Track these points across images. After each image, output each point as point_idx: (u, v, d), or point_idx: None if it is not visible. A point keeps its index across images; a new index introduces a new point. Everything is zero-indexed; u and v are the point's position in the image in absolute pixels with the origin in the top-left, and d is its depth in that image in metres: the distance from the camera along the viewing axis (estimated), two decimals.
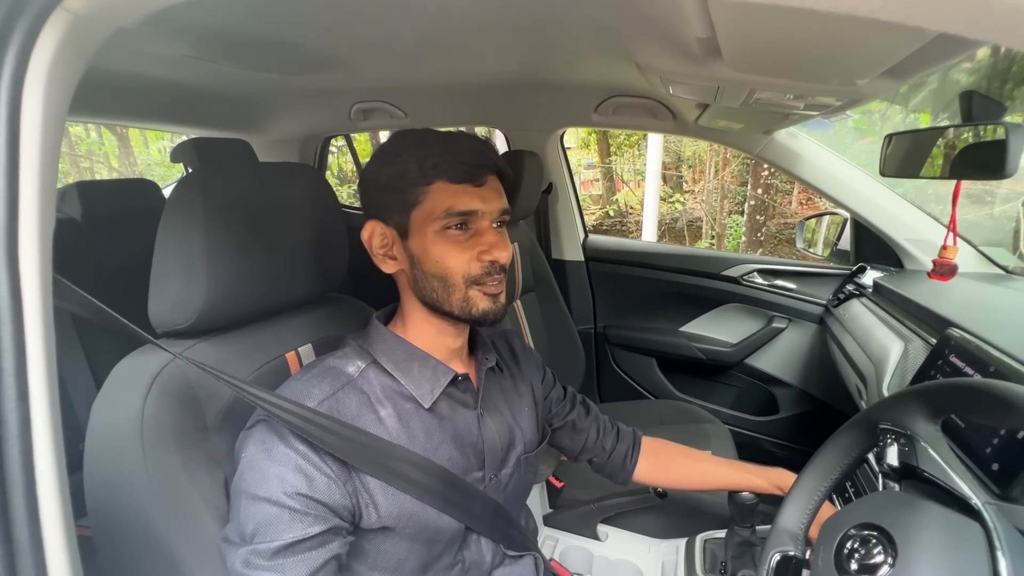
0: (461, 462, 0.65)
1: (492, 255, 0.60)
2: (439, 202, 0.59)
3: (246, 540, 0.51)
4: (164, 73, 1.29)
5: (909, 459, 0.56)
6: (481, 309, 0.62)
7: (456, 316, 0.63)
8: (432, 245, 0.60)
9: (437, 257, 0.60)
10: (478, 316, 0.62)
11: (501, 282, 0.63)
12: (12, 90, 0.35)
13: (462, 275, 0.60)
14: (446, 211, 0.59)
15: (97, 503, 0.56)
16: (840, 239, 1.56)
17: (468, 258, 0.60)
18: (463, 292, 0.61)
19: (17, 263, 0.34)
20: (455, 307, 0.62)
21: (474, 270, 0.61)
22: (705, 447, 1.37)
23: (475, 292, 0.61)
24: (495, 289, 0.62)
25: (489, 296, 0.62)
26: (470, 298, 0.61)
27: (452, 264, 0.60)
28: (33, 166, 0.36)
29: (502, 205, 0.63)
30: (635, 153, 7.70)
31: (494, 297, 0.63)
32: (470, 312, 0.62)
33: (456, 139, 0.61)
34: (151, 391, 0.56)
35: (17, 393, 0.33)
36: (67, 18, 0.36)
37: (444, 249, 0.60)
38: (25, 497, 0.33)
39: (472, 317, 0.62)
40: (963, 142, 0.89)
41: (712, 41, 0.56)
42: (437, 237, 0.60)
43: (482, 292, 0.62)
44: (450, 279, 0.61)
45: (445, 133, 0.62)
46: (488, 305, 0.62)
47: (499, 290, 0.63)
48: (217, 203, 0.60)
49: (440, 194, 0.59)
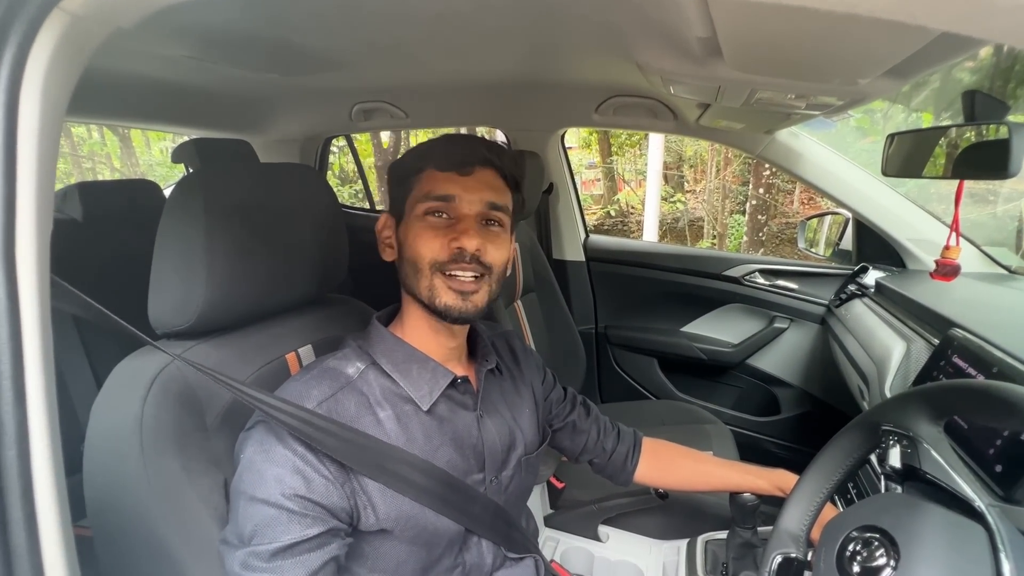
0: (461, 464, 0.65)
1: (460, 241, 0.60)
2: (423, 187, 0.62)
3: (244, 542, 0.51)
4: (165, 74, 1.29)
5: (911, 461, 0.56)
6: (444, 302, 0.61)
7: (424, 304, 0.63)
8: (411, 229, 0.62)
9: (412, 240, 0.62)
10: (440, 308, 0.61)
11: (477, 281, 0.61)
12: (9, 91, 0.35)
13: (429, 260, 0.61)
14: (426, 194, 0.61)
15: (97, 504, 0.56)
16: (842, 239, 1.55)
17: (439, 244, 0.61)
18: (429, 279, 0.61)
19: (14, 265, 0.34)
20: (423, 294, 0.62)
21: (441, 256, 0.60)
22: (706, 448, 1.37)
23: (439, 281, 0.61)
24: (465, 286, 0.61)
25: (455, 292, 0.61)
26: (434, 287, 0.61)
27: (423, 248, 0.61)
28: (30, 167, 0.36)
29: (489, 197, 0.62)
30: (636, 153, 7.69)
31: (463, 295, 0.61)
32: (433, 302, 0.61)
33: (456, 135, 0.65)
34: (151, 392, 0.56)
35: (14, 396, 0.33)
36: (65, 19, 0.36)
37: (420, 233, 0.61)
38: (22, 501, 0.32)
39: (434, 308, 0.61)
40: (966, 141, 0.89)
41: (713, 41, 0.56)
42: (417, 222, 0.62)
43: (447, 284, 0.61)
44: (419, 263, 0.61)
45: (455, 133, 0.66)
46: (452, 300, 0.61)
47: (471, 288, 0.61)
48: (217, 204, 0.60)
49: (427, 180, 0.62)
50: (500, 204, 0.64)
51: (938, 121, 3.30)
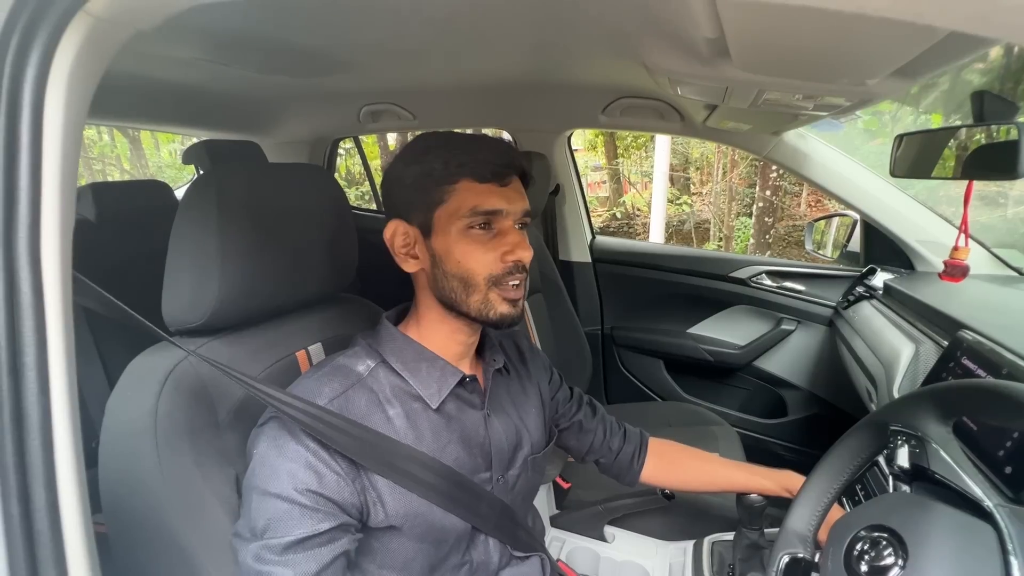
0: (468, 462, 0.66)
1: (516, 255, 0.60)
2: (464, 201, 0.59)
3: (257, 535, 0.52)
4: (176, 76, 1.31)
5: (920, 461, 0.56)
6: (499, 312, 0.61)
7: (472, 318, 0.62)
8: (455, 244, 0.60)
9: (459, 256, 0.60)
10: (495, 319, 0.62)
11: (522, 285, 0.62)
12: (35, 92, 0.36)
13: (484, 276, 0.60)
14: (471, 210, 0.59)
15: (112, 499, 0.57)
16: (850, 241, 1.54)
17: (491, 258, 0.60)
18: (483, 294, 0.61)
19: (40, 261, 0.35)
20: (472, 308, 0.61)
21: (496, 270, 0.60)
22: (713, 449, 1.37)
23: (495, 295, 0.61)
24: (515, 294, 0.62)
25: (508, 301, 0.61)
26: (489, 300, 0.61)
27: (474, 264, 0.60)
28: (55, 167, 0.37)
29: (525, 206, 0.63)
30: (642, 155, 7.68)
31: (513, 302, 0.62)
32: (487, 315, 0.61)
33: (481, 139, 0.61)
34: (164, 388, 0.57)
35: (39, 387, 0.34)
36: (88, 21, 0.37)
37: (467, 248, 0.60)
38: (46, 489, 0.33)
39: (489, 320, 0.62)
40: (975, 143, 0.88)
41: (721, 42, 0.56)
42: (461, 236, 0.60)
43: (501, 295, 0.61)
44: (472, 279, 0.60)
45: (468, 135, 0.63)
46: (507, 309, 0.61)
47: (519, 295, 0.62)
48: (230, 203, 0.61)
49: (465, 193, 0.59)
50: (529, 210, 0.64)
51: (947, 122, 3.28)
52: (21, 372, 0.33)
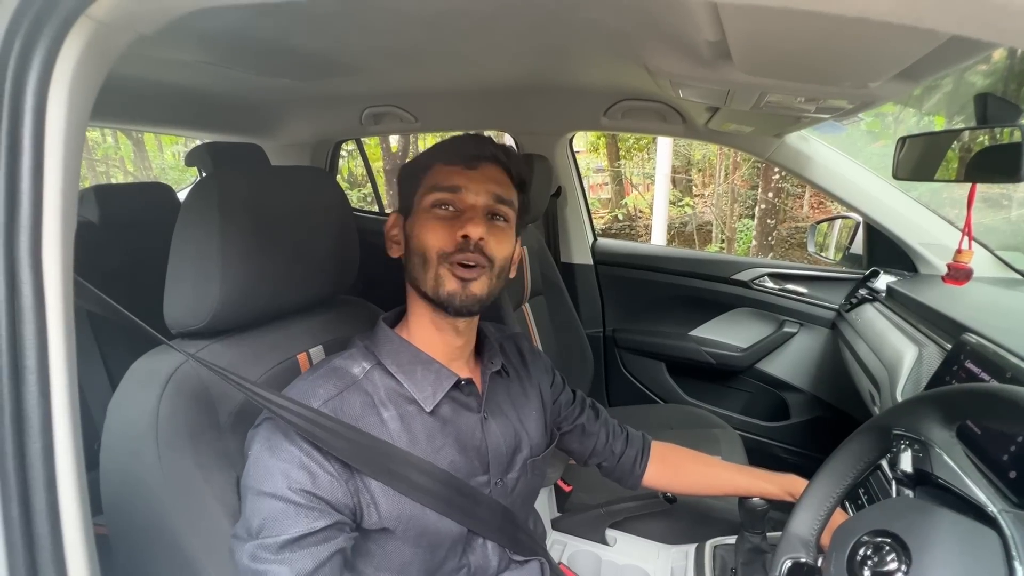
0: (464, 466, 0.65)
1: (465, 229, 0.60)
2: (430, 180, 0.64)
3: (252, 535, 0.52)
4: (180, 79, 1.31)
5: (923, 465, 0.56)
6: (448, 290, 0.61)
7: (429, 297, 0.63)
8: (419, 221, 0.63)
9: (419, 232, 0.63)
10: (444, 297, 0.61)
11: (477, 269, 0.62)
12: (38, 95, 0.36)
13: (436, 250, 0.61)
14: (432, 186, 0.63)
15: (113, 501, 0.57)
16: (852, 243, 1.54)
17: (446, 235, 0.61)
18: (435, 269, 0.62)
19: (41, 264, 0.35)
20: (428, 286, 0.62)
21: (448, 246, 0.61)
22: (715, 452, 1.36)
23: (444, 271, 0.61)
24: (467, 274, 0.61)
25: (458, 278, 0.61)
26: (440, 276, 0.61)
27: (430, 238, 0.61)
28: (56, 170, 0.37)
29: (494, 190, 0.63)
30: (644, 157, 7.68)
31: (463, 282, 0.61)
32: (438, 292, 0.61)
33: (467, 135, 0.66)
34: (166, 390, 0.57)
35: (39, 391, 0.34)
36: (91, 25, 0.37)
37: (427, 224, 0.62)
38: (46, 492, 0.33)
39: (440, 298, 0.62)
40: (979, 144, 0.88)
41: (722, 44, 0.56)
42: (425, 214, 0.63)
43: (451, 272, 0.61)
44: (427, 254, 0.62)
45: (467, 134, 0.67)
46: (454, 287, 0.61)
47: (471, 276, 0.61)
48: (232, 206, 0.61)
49: (434, 174, 0.64)
50: (505, 198, 0.64)
51: (951, 125, 3.27)
52: (22, 375, 0.33)
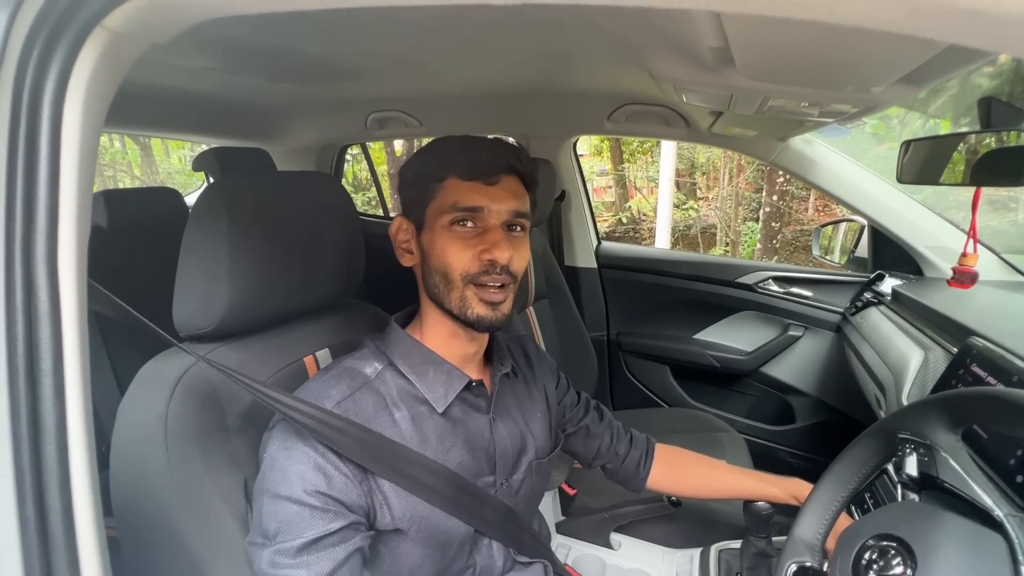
0: (472, 466, 0.66)
1: (491, 253, 0.60)
2: (448, 197, 0.61)
3: (270, 539, 0.53)
4: (189, 85, 1.33)
5: (929, 469, 0.56)
6: (476, 313, 0.61)
7: (454, 315, 0.63)
8: (438, 239, 0.61)
9: (440, 251, 0.61)
10: (472, 319, 0.61)
11: (504, 290, 0.62)
12: (54, 104, 0.37)
13: (460, 272, 0.60)
14: (452, 205, 0.60)
15: (122, 502, 0.58)
16: (857, 246, 1.53)
17: (469, 256, 0.60)
18: (460, 291, 0.61)
19: (56, 269, 0.36)
20: (453, 305, 0.62)
21: (473, 268, 0.60)
22: (720, 456, 1.35)
23: (471, 293, 0.61)
24: (495, 296, 0.61)
25: (486, 303, 0.61)
26: (466, 298, 0.61)
27: (453, 259, 0.60)
28: (72, 176, 0.38)
29: (514, 206, 0.62)
30: (648, 160, 7.68)
31: (493, 305, 0.61)
32: (465, 313, 0.61)
33: (477, 140, 0.62)
34: (175, 393, 0.57)
35: (54, 393, 0.34)
36: (106, 36, 0.38)
37: (448, 244, 0.61)
38: (60, 492, 0.34)
39: (467, 319, 0.62)
40: (985, 147, 0.88)
41: (725, 51, 0.57)
42: (444, 232, 0.61)
43: (478, 296, 0.61)
44: (450, 275, 0.61)
45: (471, 136, 0.64)
46: (483, 311, 0.61)
47: (500, 298, 0.61)
48: (240, 212, 0.62)
49: (451, 189, 0.61)
50: (523, 211, 0.64)
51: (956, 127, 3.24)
52: (38, 378, 0.34)
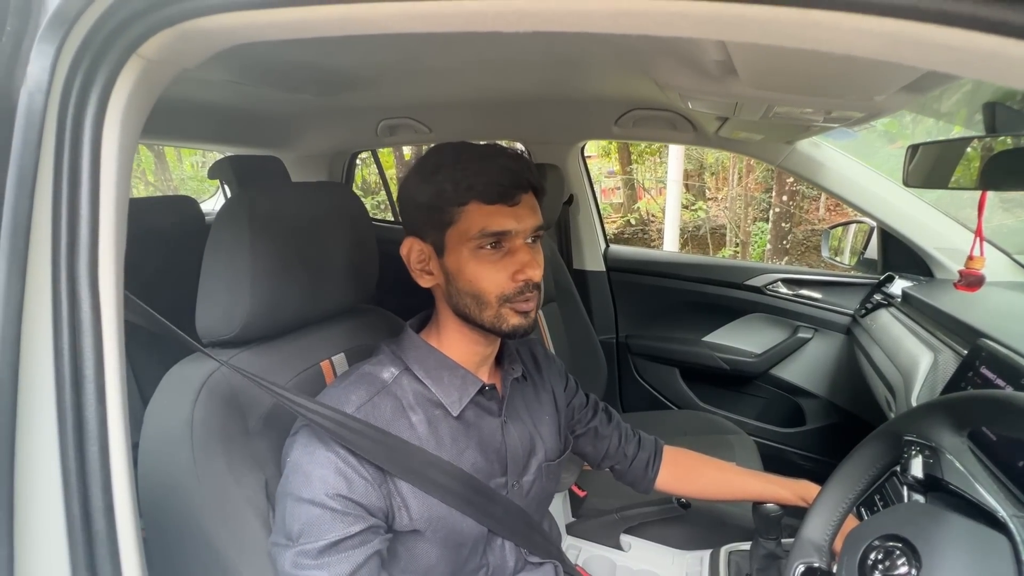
0: (485, 467, 0.68)
1: (526, 274, 0.61)
2: (473, 222, 0.60)
3: (293, 540, 0.55)
4: (206, 96, 1.37)
5: (934, 471, 0.56)
6: (512, 324, 0.63)
7: (487, 329, 0.64)
8: (466, 264, 0.61)
9: (471, 276, 0.61)
10: (508, 331, 0.64)
11: (534, 299, 0.64)
12: (94, 127, 0.39)
13: (496, 295, 0.62)
14: (480, 231, 0.60)
15: (151, 503, 0.60)
16: (867, 248, 1.53)
17: (503, 278, 0.61)
18: (495, 310, 0.63)
19: (97, 282, 0.39)
20: (486, 322, 0.64)
21: (508, 289, 0.62)
22: (729, 458, 1.36)
23: (507, 310, 0.63)
24: (527, 306, 0.63)
25: (520, 313, 0.63)
26: (502, 315, 0.63)
27: (486, 284, 0.61)
28: (111, 194, 0.40)
29: (536, 222, 0.63)
30: (656, 161, 7.67)
31: (525, 314, 0.64)
32: (500, 327, 0.63)
33: (491, 157, 0.61)
34: (200, 396, 0.60)
35: (96, 398, 0.37)
36: (141, 63, 0.41)
37: (478, 268, 0.61)
38: (103, 492, 0.36)
39: (502, 332, 0.64)
40: (1001, 145, 0.88)
41: (728, 63, 0.58)
42: (471, 256, 0.61)
43: (514, 309, 0.63)
44: (483, 297, 0.62)
45: (480, 150, 0.62)
46: (519, 321, 0.64)
47: (531, 307, 0.64)
48: (261, 222, 0.64)
49: (474, 214, 0.60)
50: (541, 224, 0.65)
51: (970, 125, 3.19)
52: (81, 384, 0.36)
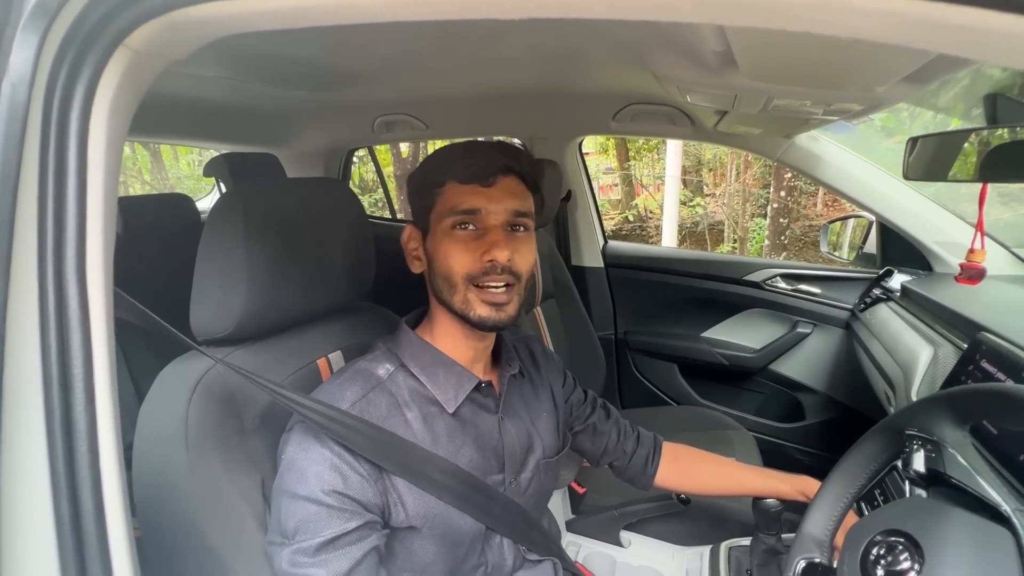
0: (482, 464, 0.67)
1: (490, 254, 0.60)
2: (448, 201, 0.62)
3: (288, 537, 0.54)
4: (201, 93, 1.35)
5: (936, 465, 0.56)
6: (478, 314, 0.62)
7: (459, 316, 0.64)
8: (441, 243, 0.63)
9: (443, 255, 0.62)
10: (474, 320, 0.62)
11: (508, 291, 0.63)
12: (81, 120, 0.38)
13: (462, 274, 0.62)
14: (451, 208, 0.62)
15: (145, 502, 0.60)
16: (866, 242, 1.53)
17: (471, 258, 0.61)
18: (463, 293, 0.62)
19: (85, 277, 0.38)
20: (457, 307, 0.63)
21: (474, 269, 0.61)
22: (729, 454, 1.35)
23: (473, 295, 0.62)
24: (497, 298, 0.62)
25: (489, 304, 0.62)
26: (468, 300, 0.62)
27: (454, 262, 0.62)
28: (98, 188, 0.39)
29: (514, 206, 0.63)
30: (654, 157, 7.67)
31: (496, 306, 0.62)
32: (467, 314, 0.62)
33: (476, 145, 0.64)
34: (194, 395, 0.59)
35: (86, 398, 0.36)
36: (128, 55, 0.40)
37: (450, 247, 0.62)
38: (92, 492, 0.36)
39: (469, 320, 0.63)
40: (998, 139, 0.87)
41: (728, 54, 0.57)
42: (445, 236, 0.62)
43: (480, 298, 0.62)
44: (451, 278, 0.62)
45: (472, 142, 0.65)
46: (486, 312, 0.62)
47: (503, 299, 0.62)
48: (255, 219, 0.63)
49: (449, 193, 0.62)
50: (524, 210, 0.64)
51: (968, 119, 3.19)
52: (70, 384, 0.36)
